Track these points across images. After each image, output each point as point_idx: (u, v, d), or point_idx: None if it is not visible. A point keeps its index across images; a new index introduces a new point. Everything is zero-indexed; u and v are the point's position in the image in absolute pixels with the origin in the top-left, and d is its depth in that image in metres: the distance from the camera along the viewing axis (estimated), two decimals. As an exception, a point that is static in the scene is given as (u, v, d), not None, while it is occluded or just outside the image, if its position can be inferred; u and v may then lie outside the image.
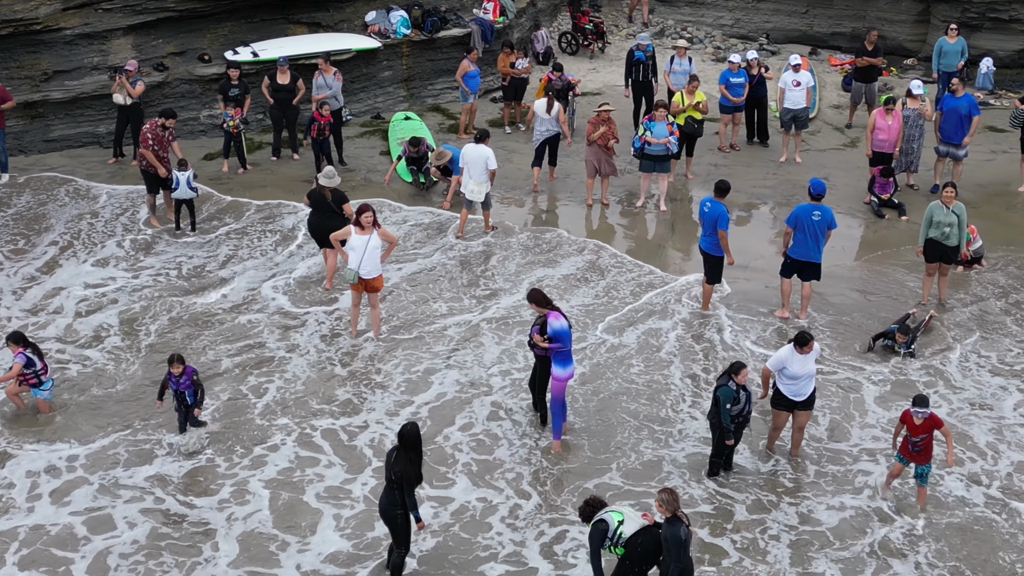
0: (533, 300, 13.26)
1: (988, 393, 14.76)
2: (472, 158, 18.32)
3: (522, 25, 26.34)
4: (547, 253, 18.14)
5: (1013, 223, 19.56)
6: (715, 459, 13.07)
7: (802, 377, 12.91)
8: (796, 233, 15.92)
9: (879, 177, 19.71)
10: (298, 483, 12.90)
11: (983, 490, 13.02)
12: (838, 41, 27.49)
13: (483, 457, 13.39)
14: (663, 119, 19.14)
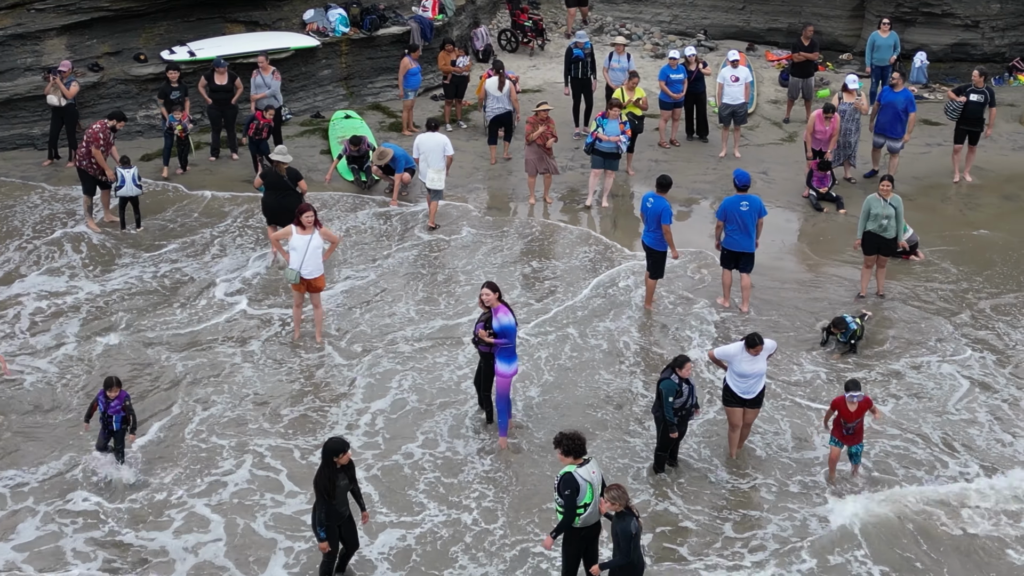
0: (490, 288, 13.14)
1: (932, 386, 14.97)
2: (429, 147, 18.50)
3: (461, 23, 26.30)
4: (497, 253, 18.15)
5: (948, 215, 19.86)
6: (660, 453, 13.13)
7: (751, 376, 12.98)
8: (727, 225, 16.10)
9: (816, 171, 19.93)
10: (251, 508, 12.47)
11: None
12: (775, 37, 27.77)
13: (448, 479, 13.00)
14: (616, 117, 19.24)
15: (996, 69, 25.78)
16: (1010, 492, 12.97)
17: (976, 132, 20.51)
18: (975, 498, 12.85)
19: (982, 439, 13.84)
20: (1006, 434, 13.94)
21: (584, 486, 10.58)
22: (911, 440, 13.81)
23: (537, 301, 16.67)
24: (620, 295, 16.89)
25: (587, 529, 10.84)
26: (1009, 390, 14.75)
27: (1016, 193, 20.64)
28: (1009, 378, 15.01)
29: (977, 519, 12.56)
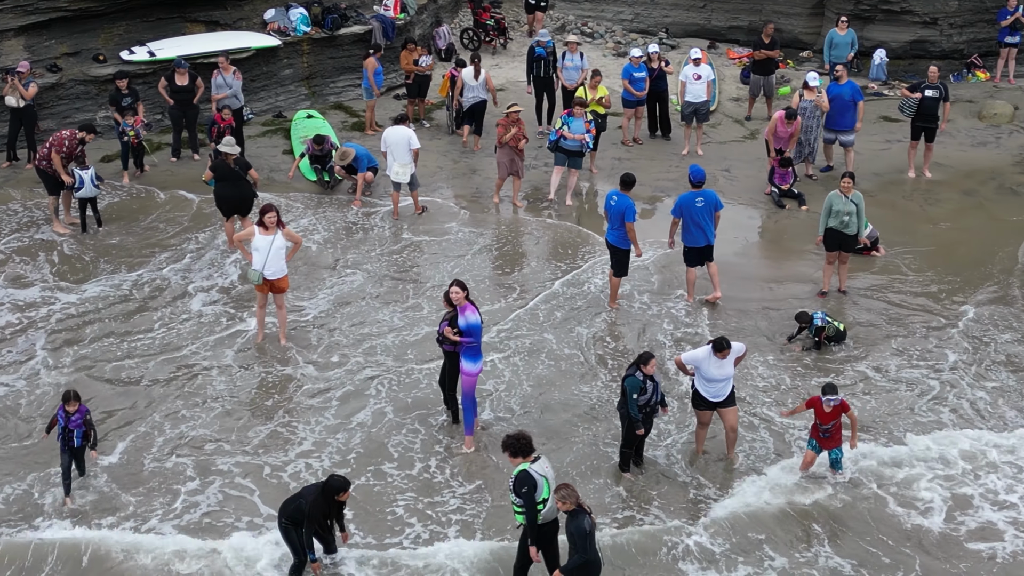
0: (459, 286, 13.12)
1: (902, 388, 15.06)
2: (394, 140, 18.72)
3: (423, 22, 26.26)
4: (464, 255, 18.13)
5: (909, 211, 20.02)
6: (625, 450, 13.10)
7: (719, 380, 12.96)
8: (684, 222, 16.17)
9: (778, 168, 20.04)
10: (222, 529, 12.13)
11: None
12: (736, 35, 27.88)
13: (426, 500, 12.68)
14: (582, 116, 19.27)
15: (955, 66, 26.01)
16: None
17: (932, 128, 20.68)
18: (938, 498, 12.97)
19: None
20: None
21: (540, 481, 10.63)
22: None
23: (507, 299, 16.67)
24: (591, 293, 16.90)
25: (544, 526, 10.85)
26: (973, 391, 14.80)
27: (975, 188, 20.84)
28: (975, 377, 15.11)
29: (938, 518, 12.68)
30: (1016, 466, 13.32)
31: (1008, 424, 14.10)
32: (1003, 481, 13.08)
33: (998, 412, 14.34)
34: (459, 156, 21.65)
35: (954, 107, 23.63)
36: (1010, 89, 25.36)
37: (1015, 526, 12.44)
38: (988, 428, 14.00)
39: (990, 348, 15.71)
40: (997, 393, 14.71)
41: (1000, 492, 12.92)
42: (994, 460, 13.40)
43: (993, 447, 13.60)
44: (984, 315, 16.52)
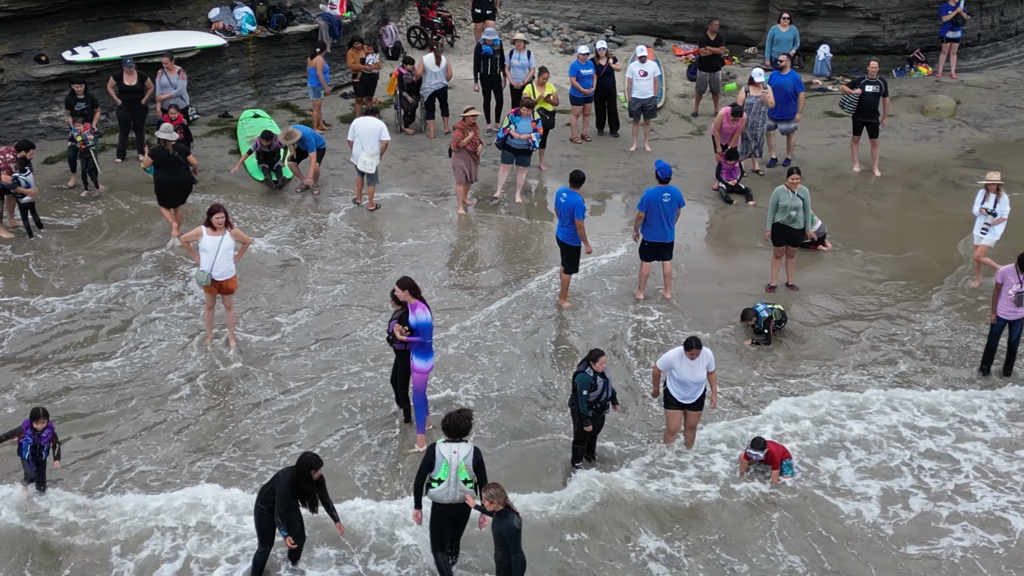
0: (406, 287, 13.05)
1: (844, 379, 15.26)
2: (364, 129, 19.03)
3: (370, 20, 26.16)
4: (420, 254, 18.10)
5: (855, 205, 20.24)
6: (577, 446, 13.15)
7: (692, 384, 13.03)
8: (649, 217, 16.23)
9: (725, 163, 20.18)
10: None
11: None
12: (682, 32, 28.03)
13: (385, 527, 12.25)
14: (528, 116, 19.28)
15: (897, 61, 26.36)
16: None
17: (874, 123, 20.93)
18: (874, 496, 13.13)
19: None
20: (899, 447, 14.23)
21: (439, 461, 10.89)
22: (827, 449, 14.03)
23: (469, 298, 16.65)
24: (545, 293, 16.91)
25: (446, 509, 11.08)
26: (918, 391, 14.93)
27: (919, 182, 21.11)
28: (920, 373, 15.31)
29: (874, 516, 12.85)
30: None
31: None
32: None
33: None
34: (408, 154, 21.61)
35: (897, 102, 24.00)
36: (952, 84, 25.73)
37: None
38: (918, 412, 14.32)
39: (933, 341, 15.95)
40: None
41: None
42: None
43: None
44: (929, 308, 16.75)
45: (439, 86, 21.97)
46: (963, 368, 15.32)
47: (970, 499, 12.82)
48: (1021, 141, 23.12)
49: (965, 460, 13.49)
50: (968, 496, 12.88)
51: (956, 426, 14.08)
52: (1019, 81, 26.29)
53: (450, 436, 11.01)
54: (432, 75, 21.90)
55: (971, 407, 14.46)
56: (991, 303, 15.06)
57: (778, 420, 14.11)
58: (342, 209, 19.34)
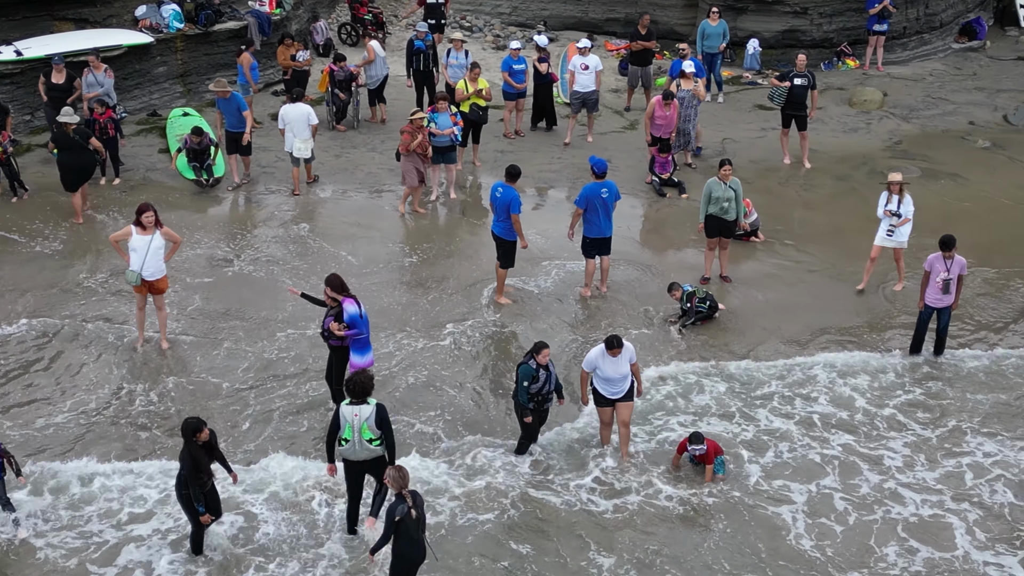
0: (331, 285, 13.02)
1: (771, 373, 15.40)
2: (294, 116, 19.21)
3: (300, 17, 25.96)
4: (363, 257, 17.99)
5: (786, 197, 20.45)
6: (524, 441, 13.20)
7: (615, 379, 13.05)
8: (588, 213, 16.25)
9: (658, 156, 20.30)
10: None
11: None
12: (613, 27, 28.16)
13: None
14: (446, 110, 19.15)
15: (825, 54, 26.69)
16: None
17: (803, 116, 21.15)
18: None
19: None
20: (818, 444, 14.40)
21: (343, 423, 11.30)
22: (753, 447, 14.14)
23: (412, 296, 16.59)
24: (482, 292, 16.91)
25: (357, 464, 11.54)
26: (845, 390, 15.04)
27: (848, 173, 21.38)
28: (852, 362, 15.53)
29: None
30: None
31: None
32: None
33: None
34: (340, 151, 21.47)
35: (825, 94, 24.31)
36: (879, 76, 26.11)
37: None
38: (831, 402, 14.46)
39: (865, 329, 16.17)
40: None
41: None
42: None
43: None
44: (862, 297, 16.97)
45: (387, 72, 22.39)
46: (893, 356, 15.52)
47: (899, 501, 12.96)
48: (947, 132, 23.52)
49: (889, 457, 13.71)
50: (897, 498, 13.01)
51: (877, 419, 14.28)
52: (944, 73, 26.74)
53: (353, 398, 11.33)
54: (381, 61, 22.15)
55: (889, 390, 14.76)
56: (919, 291, 15.29)
57: (705, 413, 14.20)
58: (276, 207, 19.15)
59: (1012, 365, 15.35)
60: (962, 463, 13.42)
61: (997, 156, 22.35)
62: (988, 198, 20.47)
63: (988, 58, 27.75)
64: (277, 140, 21.59)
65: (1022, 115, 24.17)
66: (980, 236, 18.40)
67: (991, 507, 12.72)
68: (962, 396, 14.68)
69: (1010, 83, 26.08)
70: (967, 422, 14.17)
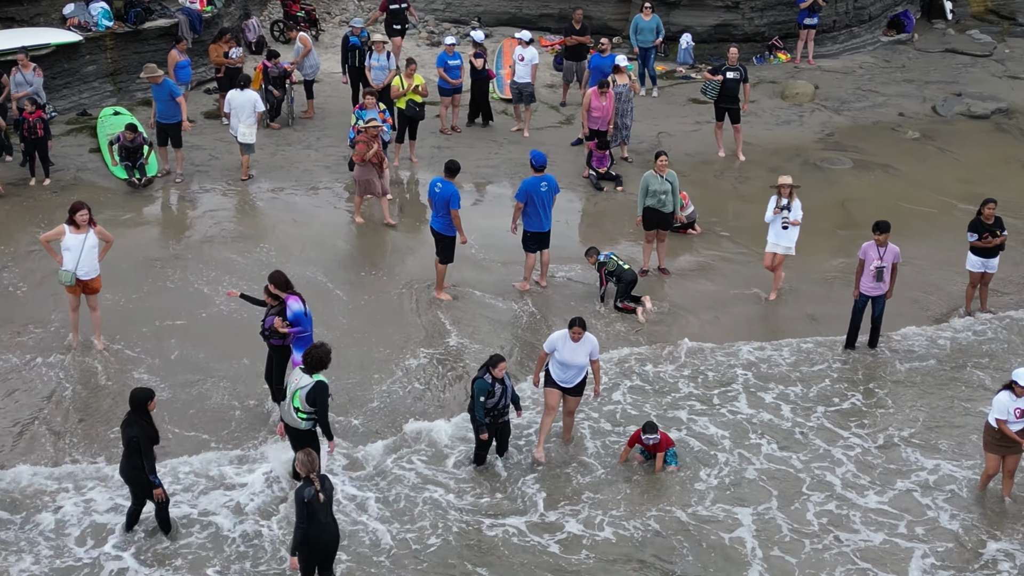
0: (275, 282, 12.91)
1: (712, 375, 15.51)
2: (240, 102, 19.36)
3: (231, 14, 25.67)
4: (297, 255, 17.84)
5: (721, 189, 20.63)
6: (479, 452, 13.02)
7: (571, 366, 13.02)
8: (528, 207, 16.25)
9: (596, 151, 20.37)
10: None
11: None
12: (547, 22, 28.17)
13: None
14: (374, 107, 19.02)
15: (757, 48, 26.95)
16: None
17: (736, 109, 21.37)
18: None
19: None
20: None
21: (291, 390, 11.77)
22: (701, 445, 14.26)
23: (351, 294, 16.48)
24: (421, 288, 16.85)
25: (287, 427, 12.05)
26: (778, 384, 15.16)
27: (782, 166, 21.56)
28: (789, 354, 15.69)
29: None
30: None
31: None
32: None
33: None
34: (276, 148, 21.27)
35: (758, 88, 24.56)
36: (810, 69, 26.43)
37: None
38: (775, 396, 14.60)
39: (800, 320, 16.36)
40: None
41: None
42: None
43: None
44: (797, 288, 17.17)
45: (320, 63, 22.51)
46: (833, 349, 15.71)
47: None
48: (877, 123, 23.87)
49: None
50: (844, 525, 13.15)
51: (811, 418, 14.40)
52: (874, 66, 27.12)
53: (307, 367, 11.67)
54: (315, 53, 22.18)
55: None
56: (854, 279, 15.47)
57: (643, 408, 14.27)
58: (211, 206, 18.93)
59: (945, 367, 15.45)
60: (905, 482, 13.08)
61: (927, 147, 22.74)
62: (922, 189, 20.84)
63: (916, 51, 28.19)
64: (210, 139, 21.44)
65: (951, 106, 24.60)
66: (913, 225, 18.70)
67: (940, 529, 12.43)
68: (897, 400, 14.60)
69: (938, 75, 26.53)
70: (904, 431, 13.97)
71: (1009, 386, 12.37)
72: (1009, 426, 12.33)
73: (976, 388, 14.87)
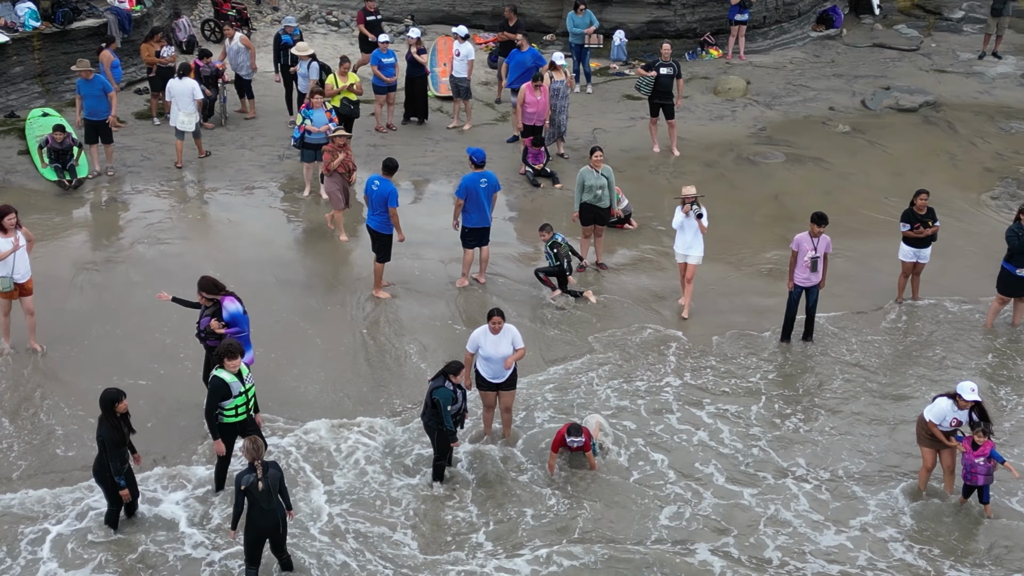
0: (204, 288, 12.83)
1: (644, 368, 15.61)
2: (179, 91, 19.79)
3: (161, 13, 25.40)
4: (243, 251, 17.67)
5: (657, 184, 20.76)
6: (439, 463, 12.72)
7: (496, 359, 12.97)
8: (468, 203, 16.24)
9: (531, 148, 20.42)
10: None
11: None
12: (480, 20, 28.17)
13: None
14: (321, 106, 18.92)
15: (689, 44, 27.18)
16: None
17: (669, 105, 21.51)
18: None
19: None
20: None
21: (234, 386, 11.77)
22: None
23: (288, 294, 16.36)
24: (361, 287, 16.77)
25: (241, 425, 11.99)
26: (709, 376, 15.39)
27: (716, 160, 21.81)
28: (725, 347, 15.85)
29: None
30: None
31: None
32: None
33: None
34: (208, 148, 21.01)
35: (691, 83, 24.77)
36: (741, 65, 26.70)
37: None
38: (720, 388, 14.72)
39: (735, 314, 16.52)
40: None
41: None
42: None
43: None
44: (732, 281, 17.33)
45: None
46: (771, 342, 15.88)
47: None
48: (809, 118, 24.16)
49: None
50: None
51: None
52: (804, 61, 27.47)
53: (227, 359, 11.79)
54: (244, 51, 22.07)
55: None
56: (788, 271, 15.61)
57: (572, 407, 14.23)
58: (143, 207, 18.70)
59: (876, 358, 15.58)
60: (853, 520, 12.51)
61: (857, 140, 23.06)
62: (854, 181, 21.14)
63: (845, 45, 28.61)
64: (142, 139, 21.22)
65: (879, 100, 24.98)
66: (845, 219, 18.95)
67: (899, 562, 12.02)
68: (833, 413, 14.32)
69: (867, 69, 26.93)
70: (845, 464, 13.39)
71: (952, 396, 12.37)
72: (939, 428, 12.46)
73: (909, 379, 15.05)
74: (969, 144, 23.04)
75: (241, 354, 11.86)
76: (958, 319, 16.46)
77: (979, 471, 12.28)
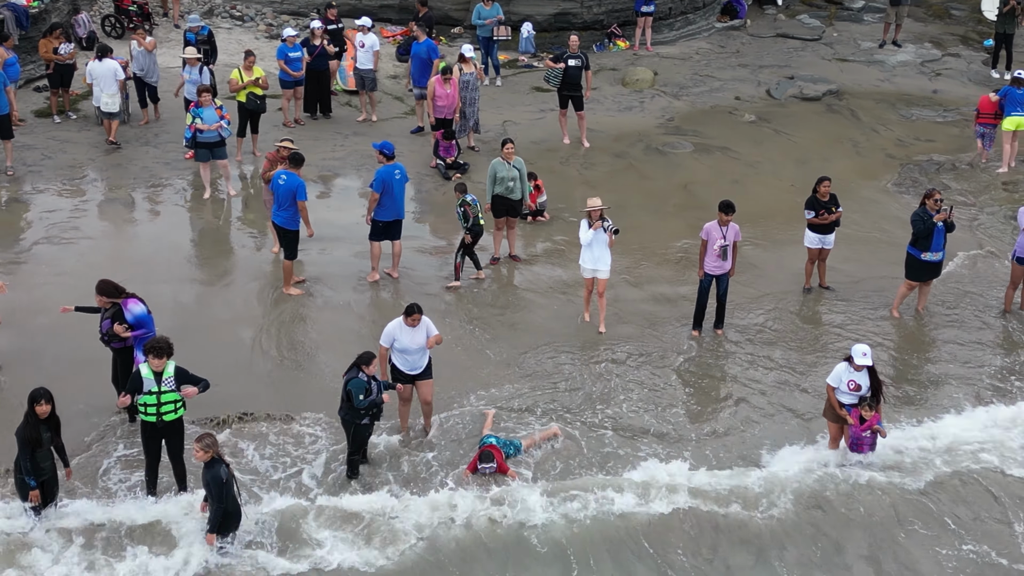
0: (103, 292, 12.58)
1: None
2: (101, 72, 20.27)
3: (60, 9, 24.79)
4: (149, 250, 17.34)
5: (568, 175, 20.84)
6: (353, 457, 12.54)
7: (413, 351, 12.92)
8: (382, 196, 16.13)
9: (442, 141, 20.36)
10: None
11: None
12: (387, 13, 27.99)
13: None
14: (210, 104, 18.56)
15: (596, 36, 27.31)
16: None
17: (579, 96, 21.61)
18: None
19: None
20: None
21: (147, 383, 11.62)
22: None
23: (196, 294, 16.09)
24: (271, 286, 16.57)
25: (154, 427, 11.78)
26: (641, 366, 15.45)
27: (625, 151, 21.95)
28: (643, 337, 15.96)
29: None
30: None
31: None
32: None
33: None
34: (110, 147, 20.62)
35: (600, 75, 24.90)
36: (648, 56, 26.91)
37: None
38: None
39: (651, 305, 16.65)
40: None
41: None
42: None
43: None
44: (644, 273, 17.46)
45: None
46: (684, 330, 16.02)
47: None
48: (716, 108, 24.44)
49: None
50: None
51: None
52: (710, 51, 27.77)
53: (157, 356, 11.65)
54: (151, 57, 21.55)
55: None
56: (698, 260, 15.73)
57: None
58: (44, 207, 18.30)
59: (791, 342, 15.88)
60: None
61: (763, 129, 23.38)
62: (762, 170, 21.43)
63: (749, 36, 28.99)
64: (43, 138, 20.77)
65: (784, 89, 25.35)
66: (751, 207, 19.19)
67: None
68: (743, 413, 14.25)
69: (771, 59, 27.32)
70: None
71: (848, 359, 12.91)
72: (840, 396, 12.90)
73: (819, 354, 15.33)
74: (871, 131, 23.51)
75: (167, 355, 11.64)
76: (864, 305, 16.72)
77: (864, 443, 12.96)
